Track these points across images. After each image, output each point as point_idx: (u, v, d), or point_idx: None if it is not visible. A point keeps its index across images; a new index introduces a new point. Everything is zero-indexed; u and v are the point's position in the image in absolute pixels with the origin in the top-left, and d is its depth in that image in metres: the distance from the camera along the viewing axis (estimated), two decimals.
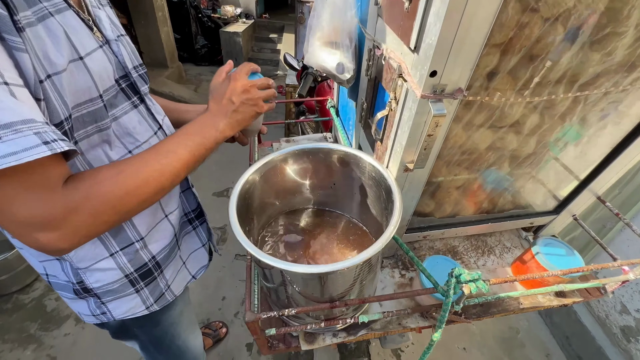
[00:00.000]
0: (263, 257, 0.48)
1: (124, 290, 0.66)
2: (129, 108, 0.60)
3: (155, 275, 0.69)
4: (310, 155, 0.71)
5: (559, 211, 0.85)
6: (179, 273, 0.77)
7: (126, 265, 0.63)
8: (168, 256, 0.71)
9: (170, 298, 0.75)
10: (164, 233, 0.69)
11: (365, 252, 0.48)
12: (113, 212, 0.45)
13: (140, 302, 0.69)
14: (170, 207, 0.69)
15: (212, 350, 1.60)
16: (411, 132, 0.52)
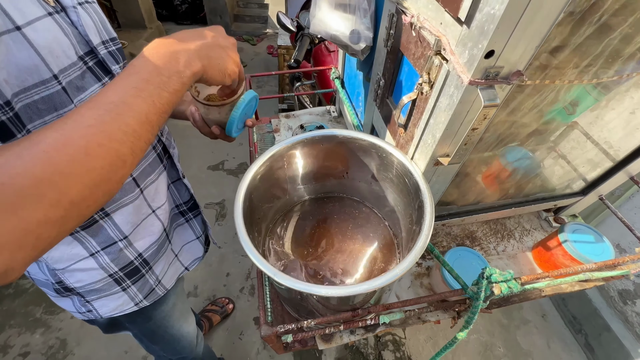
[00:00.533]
0: (283, 280, 0.41)
1: (109, 289, 0.62)
2: None
3: (143, 272, 0.65)
4: (322, 142, 0.62)
5: (586, 192, 0.79)
6: (170, 266, 0.73)
7: (109, 265, 0.58)
8: (157, 252, 0.66)
9: (162, 292, 0.72)
10: (151, 229, 0.63)
11: (398, 269, 0.42)
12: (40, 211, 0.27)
13: (128, 299, 0.65)
14: (157, 201, 0.62)
15: (221, 326, 1.62)
16: (449, 123, 0.43)
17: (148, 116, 0.34)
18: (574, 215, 0.90)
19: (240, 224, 0.47)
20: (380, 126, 0.71)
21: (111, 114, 0.31)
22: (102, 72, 0.50)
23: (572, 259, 0.69)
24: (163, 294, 0.72)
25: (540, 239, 0.84)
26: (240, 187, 0.52)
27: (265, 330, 0.51)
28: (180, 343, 0.89)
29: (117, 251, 0.58)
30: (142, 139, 0.34)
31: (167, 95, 0.35)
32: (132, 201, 0.56)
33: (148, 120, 0.34)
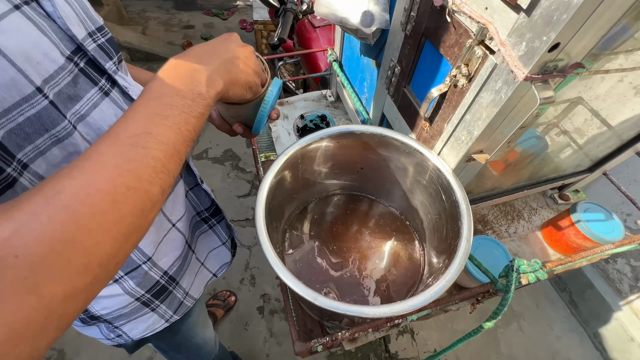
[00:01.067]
0: (324, 304, 0.38)
1: (138, 312, 0.58)
2: (98, 98, 0.41)
3: (170, 289, 0.61)
4: (339, 139, 0.57)
5: (593, 170, 0.80)
6: (197, 275, 0.69)
7: (135, 289, 0.54)
8: (182, 266, 0.62)
9: (191, 304, 0.68)
10: (174, 244, 0.58)
11: (436, 287, 0.40)
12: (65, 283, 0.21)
13: (158, 318, 0.62)
14: (176, 213, 0.56)
15: (225, 319, 1.61)
16: (492, 121, 0.40)
17: (176, 146, 0.29)
18: (576, 190, 0.92)
19: (267, 248, 0.43)
20: (395, 117, 0.66)
21: (136, 148, 0.26)
22: (96, 74, 0.41)
23: (584, 238, 0.70)
24: (192, 305, 0.69)
25: (547, 217, 0.85)
26: (258, 202, 0.47)
27: (299, 347, 0.49)
28: (204, 349, 0.88)
29: (142, 274, 0.53)
30: (172, 174, 0.29)
31: (193, 121, 0.31)
32: None
33: (177, 151, 0.29)
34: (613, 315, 1.52)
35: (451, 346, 0.70)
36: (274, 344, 1.55)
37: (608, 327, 1.54)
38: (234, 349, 1.50)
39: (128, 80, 0.49)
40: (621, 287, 1.52)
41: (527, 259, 0.78)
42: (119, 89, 0.45)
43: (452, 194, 0.48)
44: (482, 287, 0.57)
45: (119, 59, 0.47)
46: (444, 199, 0.51)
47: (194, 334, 0.78)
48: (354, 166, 0.64)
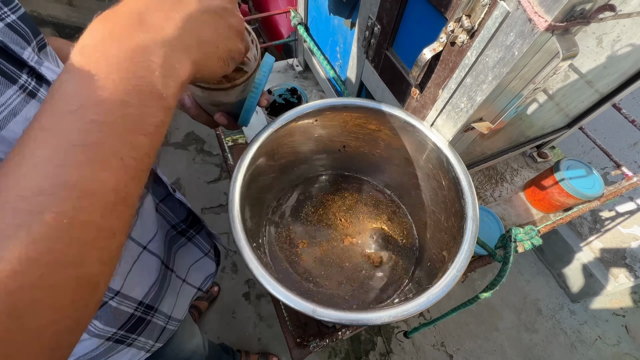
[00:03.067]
0: (325, 315, 0.32)
1: (112, 351, 0.49)
2: (19, 101, 0.28)
3: (148, 319, 0.52)
4: (317, 116, 0.49)
5: (572, 125, 0.79)
6: (179, 295, 0.61)
7: (104, 330, 0.45)
8: (160, 290, 0.53)
9: (175, 327, 0.61)
10: (147, 269, 0.49)
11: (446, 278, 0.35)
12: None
13: (136, 351, 0.54)
14: (147, 234, 0.47)
15: (210, 310, 1.56)
16: (500, 83, 0.34)
17: (118, 192, 0.19)
18: (552, 146, 0.92)
19: (247, 254, 0.35)
20: (376, 86, 0.59)
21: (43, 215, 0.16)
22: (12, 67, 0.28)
23: (568, 195, 0.70)
24: (176, 328, 0.61)
25: (528, 177, 0.85)
26: (232, 204, 0.39)
27: (297, 355, 0.44)
28: (192, 359, 0.81)
29: (110, 312, 0.44)
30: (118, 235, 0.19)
31: (145, 142, 0.20)
32: None
33: (120, 197, 0.19)
34: (575, 256, 1.66)
35: (446, 315, 0.70)
36: (265, 327, 1.53)
37: (570, 267, 1.69)
38: (223, 339, 1.47)
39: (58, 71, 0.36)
40: (582, 230, 1.65)
41: (513, 221, 0.78)
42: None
43: (452, 170, 0.43)
44: (481, 261, 0.54)
45: (41, 44, 0.34)
46: (441, 176, 0.46)
47: (179, 350, 0.71)
48: (337, 145, 0.57)
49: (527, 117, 0.64)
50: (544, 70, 0.31)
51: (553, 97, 0.59)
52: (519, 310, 1.64)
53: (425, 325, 0.82)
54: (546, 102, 0.60)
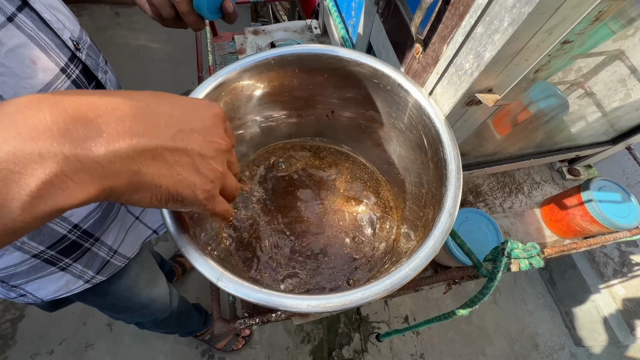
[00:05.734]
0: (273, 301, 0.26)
1: (41, 271, 0.47)
2: None
3: (86, 246, 0.49)
4: (295, 66, 0.42)
5: (617, 142, 0.66)
6: (129, 232, 0.57)
7: (28, 244, 0.42)
8: (102, 220, 0.50)
9: (121, 263, 0.58)
10: None
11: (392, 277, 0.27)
12: None
13: (72, 278, 0.51)
14: None
15: (189, 276, 1.53)
16: (518, 31, 0.25)
17: None
18: (589, 165, 0.79)
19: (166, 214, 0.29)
20: (382, 45, 0.50)
21: None
22: (86, 82, 0.40)
23: (592, 220, 0.59)
24: (124, 265, 0.58)
25: (550, 194, 0.73)
26: None
27: (219, 328, 0.38)
28: (151, 307, 0.78)
29: None
30: None
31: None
32: None
33: None
34: (590, 296, 1.49)
35: (419, 325, 0.62)
36: None
37: (582, 307, 1.53)
38: (201, 301, 1.47)
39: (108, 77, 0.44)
40: (605, 271, 1.47)
41: (520, 238, 0.68)
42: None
43: (440, 150, 0.34)
44: (462, 271, 0.46)
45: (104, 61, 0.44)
46: (428, 155, 0.37)
47: (132, 294, 0.68)
48: (315, 105, 0.49)
49: (557, 115, 0.53)
50: (579, 15, 0.22)
51: (594, 94, 0.47)
52: (514, 340, 1.51)
53: (398, 331, 0.74)
54: (584, 97, 0.49)
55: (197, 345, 1.35)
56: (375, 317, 1.52)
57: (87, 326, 1.33)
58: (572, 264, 1.60)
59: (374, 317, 1.52)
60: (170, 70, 2.13)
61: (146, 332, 1.33)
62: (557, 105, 0.55)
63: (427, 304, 1.57)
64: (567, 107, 0.56)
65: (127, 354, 1.31)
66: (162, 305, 0.83)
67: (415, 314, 1.53)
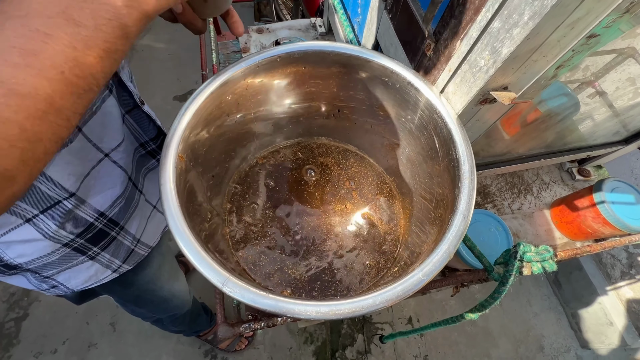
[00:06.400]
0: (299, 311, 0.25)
1: (71, 260, 0.47)
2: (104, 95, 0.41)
3: (112, 234, 0.50)
4: (301, 63, 0.40)
5: (630, 142, 0.64)
6: (149, 220, 0.58)
7: (59, 233, 0.43)
8: (126, 208, 0.50)
9: (145, 252, 0.58)
10: (110, 179, 0.46)
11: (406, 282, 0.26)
12: None
13: (102, 267, 0.52)
14: (109, 140, 0.44)
15: (192, 276, 1.53)
16: (539, 25, 0.23)
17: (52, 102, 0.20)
18: (599, 166, 0.77)
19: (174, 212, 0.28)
20: (390, 42, 0.49)
21: None
22: None
23: (604, 222, 0.57)
24: (147, 254, 0.59)
25: (560, 195, 0.72)
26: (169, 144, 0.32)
27: (223, 332, 0.37)
28: (172, 302, 0.79)
29: (65, 214, 0.41)
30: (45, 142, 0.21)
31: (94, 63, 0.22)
32: (67, 143, 0.38)
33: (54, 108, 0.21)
34: (597, 298, 1.47)
35: (426, 327, 0.61)
36: None
37: (588, 310, 1.51)
38: (204, 300, 1.46)
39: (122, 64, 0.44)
40: (612, 273, 1.45)
41: (529, 240, 0.66)
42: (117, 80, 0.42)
43: (453, 150, 0.33)
44: (473, 275, 0.45)
45: None
46: (439, 155, 0.36)
47: (156, 287, 0.70)
48: (321, 103, 0.48)
49: (567, 115, 0.51)
50: (607, 8, 0.20)
51: (605, 93, 0.46)
52: (519, 342, 1.50)
53: (402, 334, 0.73)
54: (594, 96, 0.47)
55: (200, 345, 1.34)
56: (379, 318, 1.51)
57: (90, 326, 1.32)
58: (579, 265, 1.58)
59: (377, 318, 1.51)
60: (173, 70, 2.13)
61: (149, 331, 1.33)
62: (568, 105, 0.54)
63: (431, 305, 1.56)
64: (578, 107, 0.54)
65: (130, 353, 1.30)
66: (182, 301, 0.84)
67: (419, 315, 1.52)
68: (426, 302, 1.57)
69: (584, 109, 0.54)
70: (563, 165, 0.75)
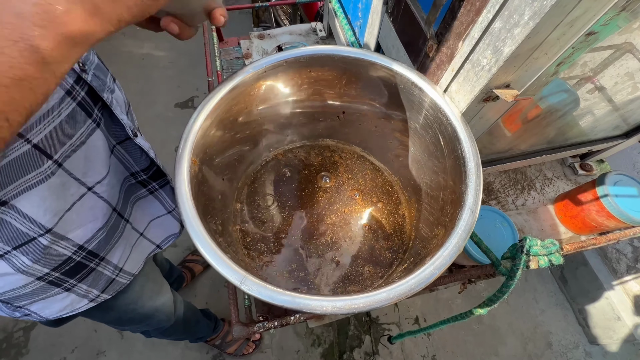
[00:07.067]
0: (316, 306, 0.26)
1: (45, 292, 0.46)
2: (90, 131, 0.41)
3: (91, 266, 0.48)
4: (307, 67, 0.42)
5: (630, 135, 0.65)
6: (134, 248, 0.57)
7: (33, 267, 0.41)
8: (108, 239, 0.49)
9: (126, 281, 0.56)
10: (92, 213, 0.44)
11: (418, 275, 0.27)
12: None
13: (77, 297, 0.50)
14: (93, 174, 0.42)
15: (204, 275, 1.55)
16: (539, 25, 0.24)
17: None
18: (601, 160, 0.78)
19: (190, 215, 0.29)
20: (392, 44, 0.50)
21: None
22: (92, 103, 0.39)
23: (609, 215, 0.58)
24: (128, 282, 0.57)
25: (563, 190, 0.72)
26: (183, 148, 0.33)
27: (238, 332, 0.38)
28: (155, 317, 0.77)
29: (40, 250, 0.40)
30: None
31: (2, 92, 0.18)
32: (44, 179, 0.36)
33: None
34: (603, 294, 1.47)
35: (434, 326, 0.61)
36: None
37: (595, 305, 1.50)
38: (211, 306, 1.47)
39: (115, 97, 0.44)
40: (618, 267, 1.45)
41: (534, 235, 0.66)
42: (108, 114, 0.42)
43: (458, 147, 0.34)
44: (480, 270, 0.45)
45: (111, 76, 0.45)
46: (445, 153, 0.37)
47: (137, 307, 0.67)
48: (326, 106, 0.49)
49: (568, 110, 0.52)
50: (604, 6, 0.21)
51: (604, 88, 0.47)
52: (526, 339, 1.49)
53: (411, 333, 0.74)
54: (594, 92, 0.48)
55: (208, 350, 1.34)
56: (386, 318, 1.51)
57: (98, 333, 1.33)
58: (584, 260, 1.58)
59: (384, 319, 1.51)
60: (174, 77, 2.15)
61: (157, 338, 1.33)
62: (567, 101, 0.55)
63: (437, 304, 1.56)
64: (578, 102, 0.55)
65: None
66: (167, 314, 0.82)
67: (425, 315, 1.52)
68: (433, 301, 1.57)
69: (584, 104, 0.55)
70: (565, 161, 0.76)
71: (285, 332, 1.39)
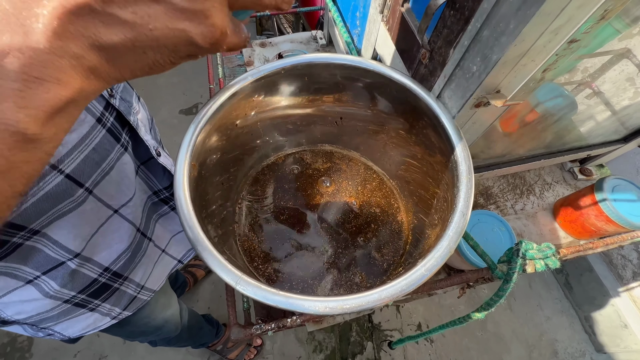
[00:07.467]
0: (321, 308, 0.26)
1: (70, 314, 0.46)
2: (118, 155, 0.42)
3: (115, 286, 0.49)
4: (305, 75, 0.43)
5: (629, 140, 0.65)
6: (157, 265, 0.57)
7: (60, 292, 0.42)
8: (132, 259, 0.49)
9: (148, 297, 0.57)
10: (117, 235, 0.45)
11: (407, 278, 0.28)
12: None
13: (100, 316, 0.51)
14: (119, 197, 0.43)
15: (206, 280, 1.56)
16: (525, 32, 0.25)
17: None
18: (601, 165, 0.78)
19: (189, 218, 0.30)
20: (388, 52, 0.51)
21: None
22: (120, 128, 0.40)
23: (607, 220, 0.58)
24: (149, 298, 0.58)
25: (562, 194, 0.72)
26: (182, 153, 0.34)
27: (236, 334, 0.39)
28: (165, 328, 0.78)
29: (68, 274, 0.41)
30: None
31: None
32: (75, 207, 0.37)
33: None
34: (609, 300, 1.45)
35: (433, 330, 0.61)
36: None
37: (602, 312, 1.48)
38: (213, 310, 1.47)
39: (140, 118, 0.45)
40: (623, 274, 1.43)
41: (533, 240, 0.67)
42: (133, 136, 0.42)
43: (450, 152, 0.35)
44: (476, 274, 0.45)
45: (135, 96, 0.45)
46: (438, 158, 0.38)
47: (149, 320, 0.68)
48: (324, 112, 0.50)
49: (565, 115, 0.53)
50: (586, 15, 0.22)
51: (602, 93, 0.47)
52: (532, 347, 1.47)
53: (411, 338, 0.73)
54: (592, 97, 0.49)
55: (210, 355, 1.34)
56: (388, 325, 1.49)
57: (101, 338, 1.34)
58: (589, 267, 1.56)
59: (386, 325, 1.50)
60: (179, 85, 2.19)
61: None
62: (564, 105, 0.55)
63: (440, 310, 1.54)
64: (575, 107, 0.56)
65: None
66: (175, 324, 0.83)
67: (428, 321, 1.50)
68: (435, 307, 1.56)
69: (582, 109, 0.55)
70: (565, 166, 0.76)
71: (287, 338, 1.38)
